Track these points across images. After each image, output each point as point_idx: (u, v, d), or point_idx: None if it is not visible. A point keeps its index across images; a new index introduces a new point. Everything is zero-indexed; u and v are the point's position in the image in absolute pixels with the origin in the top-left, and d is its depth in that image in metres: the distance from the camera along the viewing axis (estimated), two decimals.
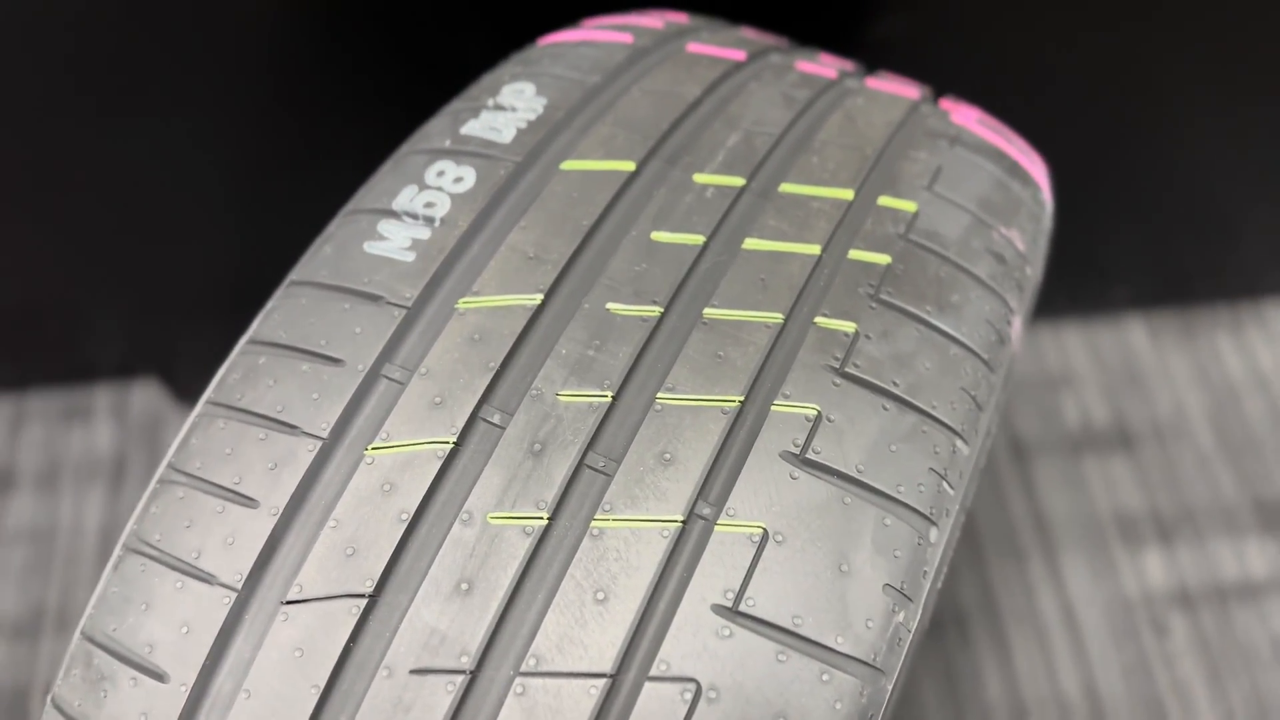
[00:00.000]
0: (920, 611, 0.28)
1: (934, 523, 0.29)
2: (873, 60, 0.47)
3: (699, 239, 0.32)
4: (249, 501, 0.29)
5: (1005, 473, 0.77)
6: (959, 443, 0.30)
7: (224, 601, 0.28)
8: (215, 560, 0.28)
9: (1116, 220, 0.74)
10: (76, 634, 0.30)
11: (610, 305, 0.30)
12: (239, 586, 0.28)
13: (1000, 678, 0.69)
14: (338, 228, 0.33)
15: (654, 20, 0.41)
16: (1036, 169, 0.39)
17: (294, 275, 0.32)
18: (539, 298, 0.30)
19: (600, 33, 0.39)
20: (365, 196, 0.34)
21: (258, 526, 0.28)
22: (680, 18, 0.42)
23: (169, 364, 0.77)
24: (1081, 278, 0.78)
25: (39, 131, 0.57)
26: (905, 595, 0.28)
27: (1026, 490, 0.76)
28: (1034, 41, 0.60)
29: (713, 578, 0.27)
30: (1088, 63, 0.61)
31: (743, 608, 0.26)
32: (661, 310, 0.30)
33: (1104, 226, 0.74)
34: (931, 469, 0.29)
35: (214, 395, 0.31)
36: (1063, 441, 0.77)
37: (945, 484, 0.29)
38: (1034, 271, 0.35)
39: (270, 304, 0.32)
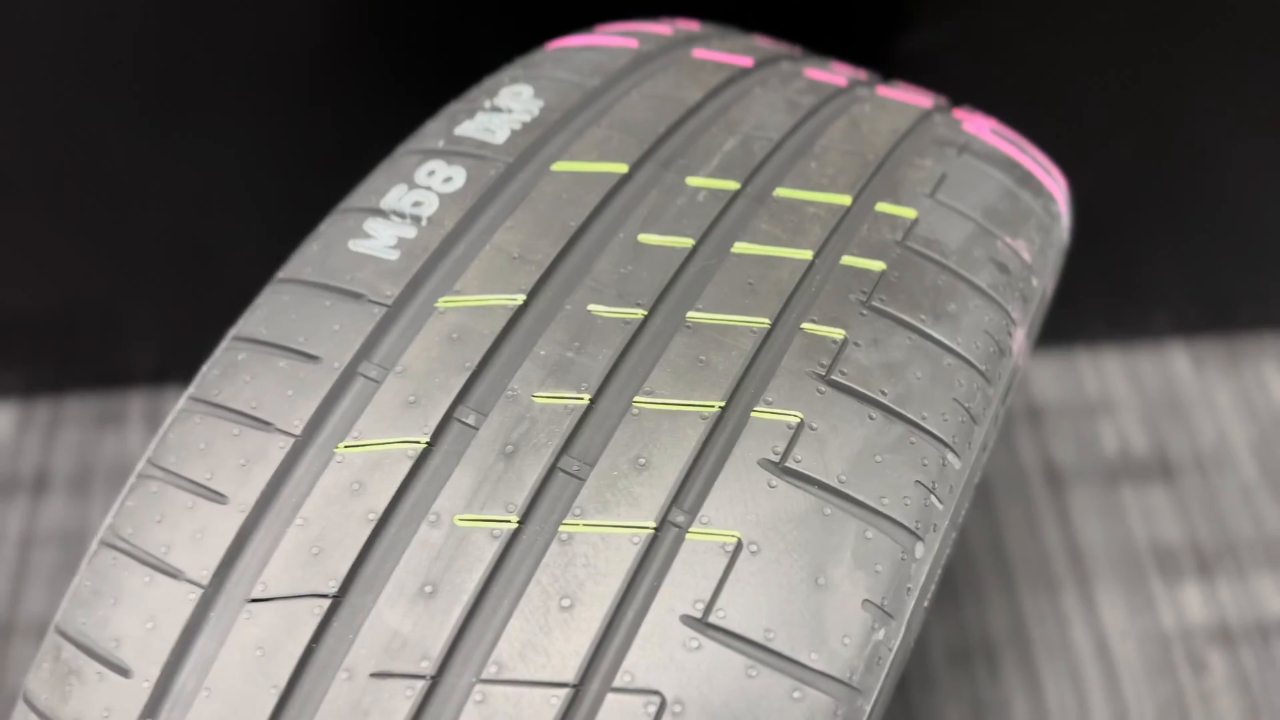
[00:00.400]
0: (903, 630, 0.27)
1: (920, 537, 0.28)
2: (903, 76, 0.47)
3: (688, 242, 0.31)
4: (219, 497, 0.28)
5: (1039, 501, 0.75)
6: (950, 455, 0.29)
7: (190, 597, 0.27)
8: (183, 555, 0.28)
9: (1158, 243, 0.72)
10: (51, 627, 0.29)
11: (592, 307, 0.30)
12: (205, 583, 0.27)
13: (1030, 712, 0.67)
14: (327, 226, 0.33)
15: (663, 27, 0.41)
16: (1052, 181, 0.38)
17: (281, 272, 0.32)
18: (520, 298, 0.30)
19: (607, 38, 0.39)
20: (357, 195, 0.33)
21: (226, 523, 0.28)
22: (692, 25, 0.42)
23: None
24: (1121, 302, 0.76)
25: (78, 140, 0.58)
26: (886, 612, 0.27)
27: (1061, 519, 0.74)
28: (1071, 59, 0.59)
29: (682, 587, 0.26)
30: (1127, 81, 0.60)
31: (713, 619, 0.26)
32: (645, 313, 0.30)
33: (1145, 249, 0.73)
34: (919, 482, 0.28)
35: (194, 390, 0.31)
36: (1100, 470, 0.75)
37: (933, 498, 0.28)
38: (1041, 283, 0.34)
39: (256, 300, 0.32)
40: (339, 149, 0.60)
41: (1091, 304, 0.76)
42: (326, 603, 0.27)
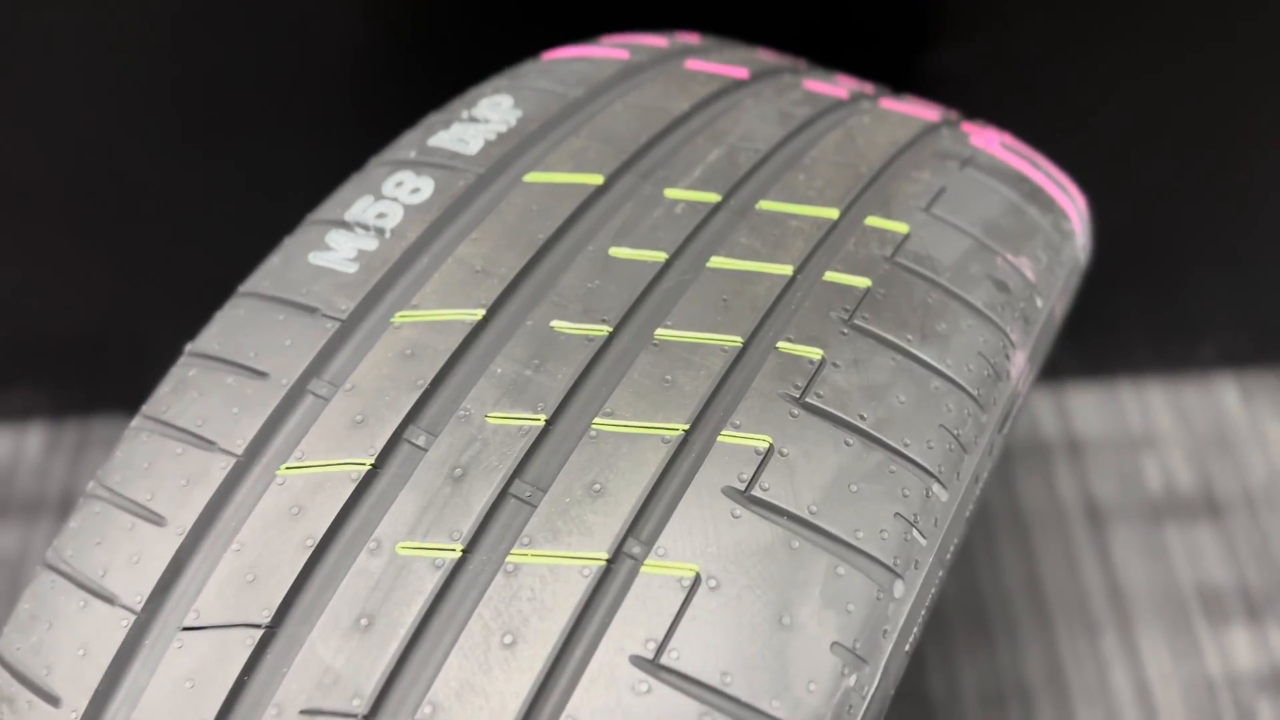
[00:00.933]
0: (879, 676, 0.25)
1: (899, 575, 0.25)
2: (926, 96, 0.45)
3: (660, 256, 0.29)
4: (158, 519, 0.27)
5: (1079, 538, 0.72)
6: (935, 486, 0.27)
7: (123, 624, 0.26)
8: (119, 580, 0.27)
9: (1204, 270, 0.69)
10: None
11: (555, 323, 0.28)
12: (139, 609, 0.26)
13: None
14: (291, 238, 0.32)
15: (660, 39, 0.39)
16: (1066, 197, 0.36)
17: (243, 286, 0.31)
18: (480, 313, 0.28)
19: (599, 49, 0.38)
20: (324, 207, 0.32)
21: (163, 546, 0.27)
22: (691, 38, 0.40)
23: None
24: (1166, 331, 0.73)
25: (109, 162, 0.58)
26: (859, 656, 0.24)
27: (1101, 558, 0.70)
28: (1107, 78, 0.56)
29: (634, 625, 0.24)
30: (1167, 102, 0.57)
31: (665, 660, 0.24)
32: (610, 330, 0.28)
33: (1191, 277, 0.70)
34: (899, 514, 0.26)
35: (146, 408, 0.30)
36: (1143, 507, 0.72)
37: (915, 531, 0.26)
38: (1047, 304, 0.32)
39: (215, 314, 0.31)
40: None
41: (1134, 333, 0.73)
42: (259, 633, 0.25)
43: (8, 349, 0.72)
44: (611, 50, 0.37)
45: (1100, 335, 0.72)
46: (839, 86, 0.38)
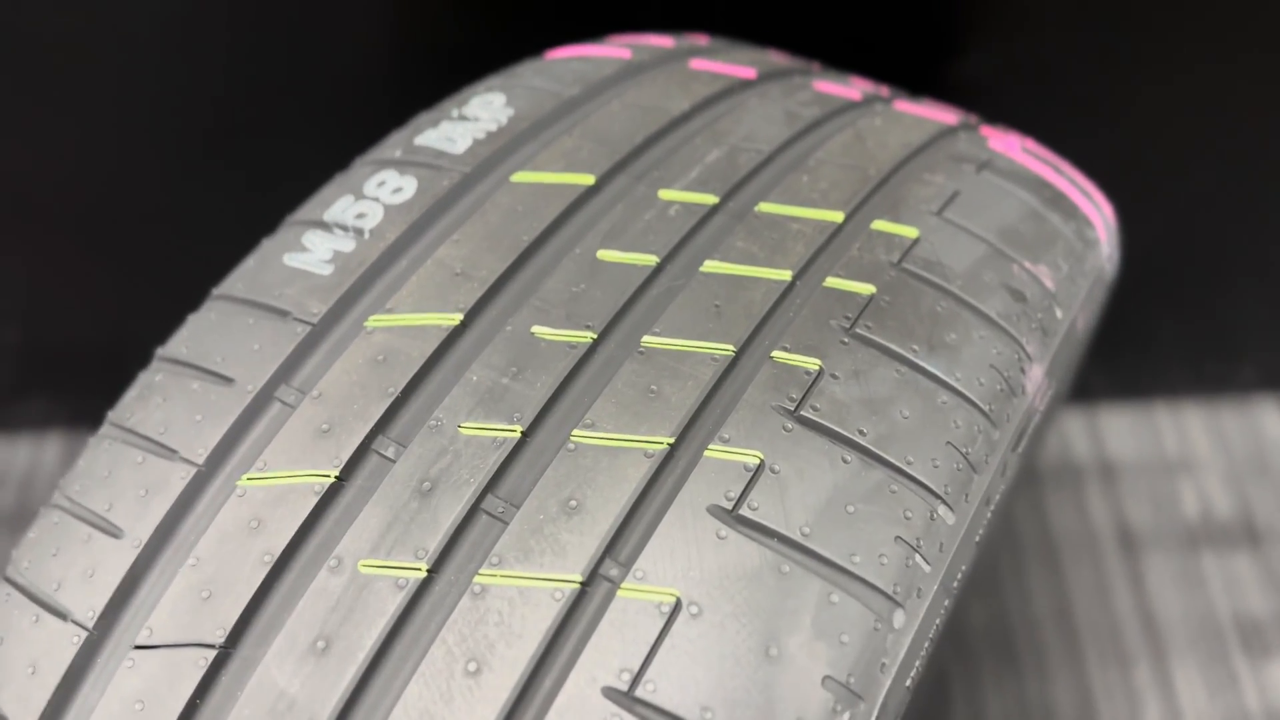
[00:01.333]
0: (876, 713, 0.23)
1: (899, 604, 0.24)
2: (949, 103, 0.43)
3: (651, 260, 0.28)
4: (115, 530, 0.26)
5: (1111, 565, 0.69)
6: (941, 508, 0.25)
7: (74, 641, 0.25)
8: (73, 594, 0.25)
9: (1244, 289, 0.67)
10: None
11: (536, 329, 0.26)
12: (91, 625, 0.25)
13: None
14: (269, 239, 0.30)
15: (666, 40, 0.38)
16: (1090, 204, 0.34)
17: (216, 288, 0.30)
18: (457, 318, 0.27)
19: (601, 48, 0.36)
20: (304, 207, 0.31)
21: (119, 559, 0.25)
22: (700, 39, 0.39)
23: None
24: (1204, 352, 0.70)
25: (129, 176, 0.58)
26: (853, 692, 0.23)
27: (1135, 586, 0.68)
28: (1142, 89, 0.54)
29: (608, 653, 0.22)
30: (1205, 114, 0.55)
31: (640, 693, 0.22)
32: (594, 336, 0.26)
33: (1230, 294, 0.67)
34: (899, 538, 0.24)
35: (111, 414, 0.28)
36: (1179, 534, 0.69)
37: (918, 557, 0.24)
38: (1068, 315, 0.30)
39: (188, 317, 0.29)
40: None
41: (1171, 354, 0.71)
42: (213, 654, 0.24)
43: (26, 359, 0.72)
44: (614, 50, 0.36)
45: (1134, 354, 0.70)
46: (852, 88, 0.36)
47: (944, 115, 0.35)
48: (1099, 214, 0.34)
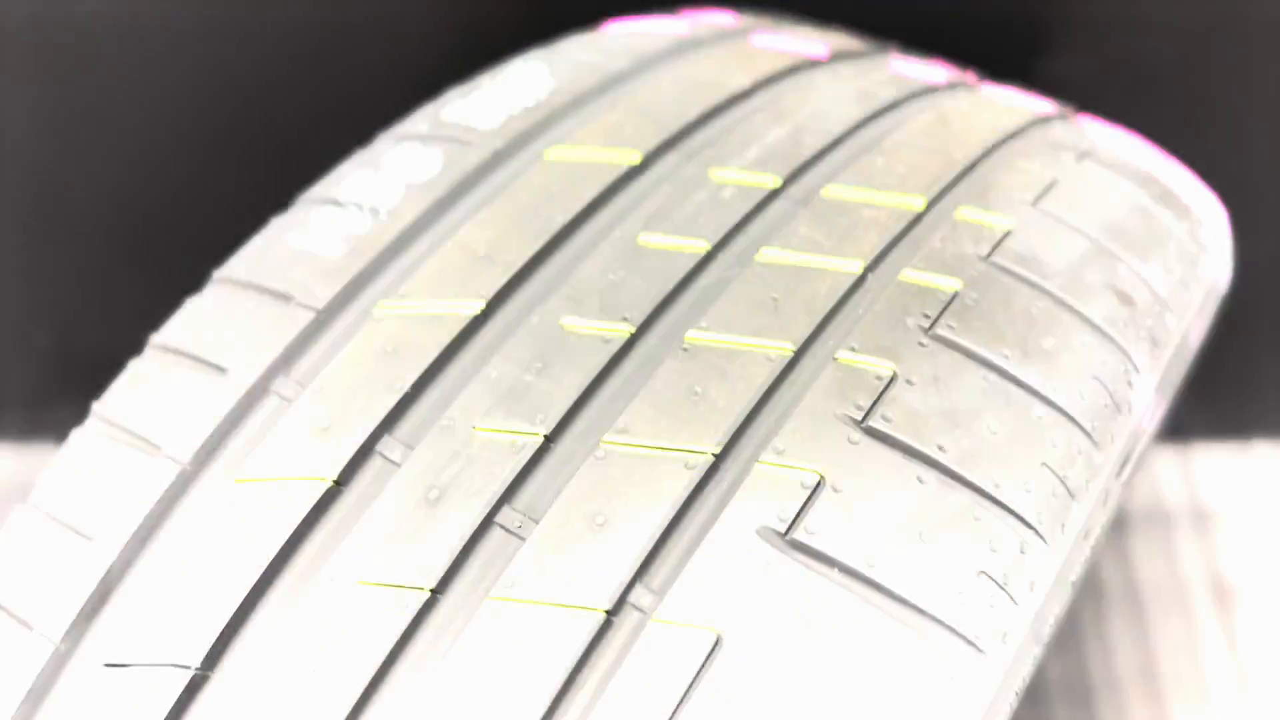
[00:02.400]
0: None
1: (980, 649, 0.20)
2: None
3: (701, 246, 0.25)
4: (89, 534, 0.23)
5: (1203, 620, 0.64)
6: (1031, 539, 0.21)
7: (41, 656, 0.22)
8: (41, 604, 0.23)
9: None
10: None
11: (566, 320, 0.23)
12: (59, 639, 0.22)
13: None
14: (278, 218, 0.28)
15: (728, 17, 0.35)
16: (1202, 204, 0.30)
17: (218, 270, 0.27)
18: (479, 306, 0.24)
19: (658, 21, 0.33)
20: (319, 185, 0.28)
21: (91, 567, 0.22)
22: (766, 18, 0.36)
23: None
24: None
25: (157, 183, 0.57)
26: None
27: (1228, 642, 0.63)
28: (1255, 89, 0.50)
29: (633, 698, 0.19)
30: None
31: None
32: (632, 330, 0.23)
33: None
34: (983, 572, 0.20)
35: (96, 405, 0.26)
36: (1278, 587, 0.64)
37: (1004, 595, 0.20)
38: (1180, 325, 0.26)
39: (186, 302, 0.27)
40: None
41: (1273, 389, 0.66)
42: (188, 675, 0.21)
43: (50, 367, 0.71)
44: (670, 23, 0.33)
45: (1234, 387, 0.65)
46: (933, 71, 0.32)
47: (1037, 104, 0.32)
48: (1214, 217, 0.31)
